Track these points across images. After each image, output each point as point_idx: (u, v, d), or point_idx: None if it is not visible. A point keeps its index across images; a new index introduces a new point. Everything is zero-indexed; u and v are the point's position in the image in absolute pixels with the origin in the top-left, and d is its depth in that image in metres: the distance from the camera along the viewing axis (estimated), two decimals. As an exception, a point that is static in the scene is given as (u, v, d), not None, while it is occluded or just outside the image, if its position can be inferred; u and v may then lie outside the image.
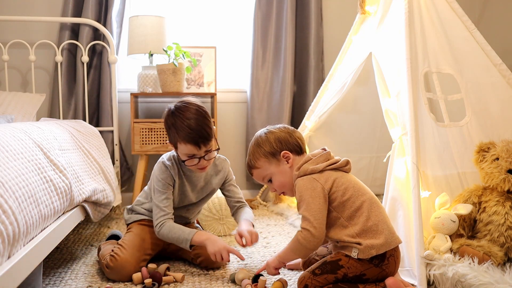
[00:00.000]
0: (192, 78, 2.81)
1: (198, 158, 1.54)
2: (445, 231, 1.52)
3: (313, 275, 1.31)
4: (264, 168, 1.46)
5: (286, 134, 1.47)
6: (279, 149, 1.44)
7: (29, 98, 2.41)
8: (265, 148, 1.45)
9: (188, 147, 1.51)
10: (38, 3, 2.69)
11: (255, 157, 1.47)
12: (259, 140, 1.48)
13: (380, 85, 1.90)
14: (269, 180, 1.48)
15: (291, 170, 1.43)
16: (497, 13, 3.14)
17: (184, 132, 1.50)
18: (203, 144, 1.52)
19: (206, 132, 1.52)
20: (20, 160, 1.17)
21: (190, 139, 1.50)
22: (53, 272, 1.59)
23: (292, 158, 1.43)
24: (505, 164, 1.60)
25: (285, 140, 1.45)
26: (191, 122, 1.50)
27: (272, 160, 1.44)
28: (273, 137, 1.46)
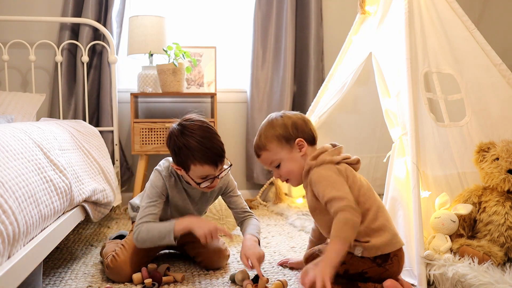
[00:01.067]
0: (192, 78, 2.81)
1: (212, 178, 1.46)
2: (445, 231, 1.52)
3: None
4: (275, 151, 1.39)
5: (302, 121, 1.41)
6: (295, 135, 1.38)
7: (29, 98, 2.41)
8: (280, 131, 1.38)
9: (205, 168, 1.41)
10: (38, 3, 2.69)
11: (268, 139, 1.39)
12: (274, 122, 1.40)
13: (380, 85, 1.90)
14: (276, 165, 1.41)
15: (302, 159, 1.38)
16: (497, 13, 3.14)
17: (200, 154, 1.39)
18: (220, 163, 1.44)
19: (221, 149, 1.45)
20: (20, 160, 1.17)
21: (208, 159, 1.40)
22: (53, 272, 1.59)
23: (305, 147, 1.38)
24: (505, 164, 1.60)
25: (301, 128, 1.40)
26: (206, 141, 1.41)
27: (285, 145, 1.38)
28: (290, 122, 1.39)
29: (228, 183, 1.65)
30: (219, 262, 1.61)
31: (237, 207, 1.66)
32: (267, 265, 1.65)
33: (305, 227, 2.16)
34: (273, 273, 1.57)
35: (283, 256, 1.75)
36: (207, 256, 1.59)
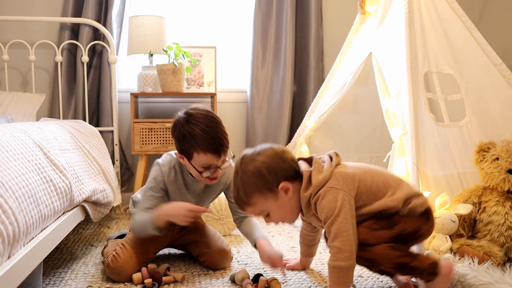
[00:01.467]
0: (192, 78, 2.81)
1: (214, 169, 1.45)
2: (445, 231, 1.52)
3: (370, 230, 1.21)
4: (260, 204, 1.27)
5: (278, 159, 1.26)
6: (275, 181, 1.24)
7: (29, 98, 2.41)
8: (258, 181, 1.24)
9: (208, 157, 1.41)
10: (38, 3, 2.69)
11: (247, 193, 1.26)
12: (247, 172, 1.25)
13: (380, 85, 1.90)
14: (266, 215, 1.31)
15: (291, 199, 1.27)
16: (497, 13, 3.14)
17: (205, 142, 1.39)
18: (223, 152, 1.43)
19: (225, 139, 1.44)
20: (20, 160, 1.17)
21: (211, 148, 1.40)
22: (53, 272, 1.59)
23: (291, 189, 1.25)
24: (505, 164, 1.60)
25: (279, 168, 1.25)
26: (210, 130, 1.41)
27: (269, 194, 1.25)
28: (265, 167, 1.24)
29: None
30: (222, 263, 1.61)
31: None
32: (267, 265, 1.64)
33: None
34: (273, 273, 1.57)
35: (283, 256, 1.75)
36: (211, 256, 1.59)
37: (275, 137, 2.87)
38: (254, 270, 1.59)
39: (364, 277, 1.52)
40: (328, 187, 1.23)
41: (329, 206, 1.21)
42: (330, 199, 1.21)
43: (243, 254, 1.80)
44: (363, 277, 1.52)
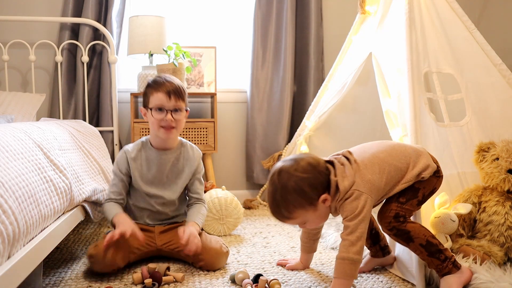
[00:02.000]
0: (192, 78, 2.81)
1: (166, 112, 1.58)
2: (445, 230, 1.52)
3: (400, 204, 1.35)
4: (301, 217, 1.32)
5: (315, 174, 1.29)
6: (316, 195, 1.28)
7: (29, 98, 2.41)
8: (300, 199, 1.27)
9: (159, 96, 1.58)
10: (38, 3, 2.69)
11: (289, 210, 1.29)
12: (290, 190, 1.27)
13: (381, 86, 1.90)
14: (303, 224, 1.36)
15: (327, 209, 1.34)
16: (497, 13, 3.14)
17: (158, 84, 1.60)
18: (174, 95, 1.58)
19: (179, 88, 1.61)
20: (20, 160, 1.17)
21: (162, 88, 1.58)
22: (53, 272, 1.59)
23: (329, 199, 1.30)
24: (505, 164, 1.60)
25: (318, 183, 1.29)
26: (167, 77, 1.62)
27: (309, 208, 1.29)
28: (306, 184, 1.27)
29: (199, 164, 1.75)
30: (219, 263, 1.61)
31: (193, 190, 1.74)
32: (267, 265, 1.65)
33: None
34: (273, 273, 1.57)
35: (283, 256, 1.75)
36: (205, 259, 1.58)
37: (275, 137, 2.87)
38: (254, 270, 1.59)
39: (364, 277, 1.52)
40: (354, 190, 1.30)
41: (352, 206, 1.29)
42: (353, 200, 1.30)
43: (243, 254, 1.80)
44: (363, 277, 1.52)
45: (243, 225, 2.28)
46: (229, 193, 2.15)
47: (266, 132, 2.88)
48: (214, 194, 2.10)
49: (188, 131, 2.58)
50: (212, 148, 2.61)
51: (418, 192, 1.38)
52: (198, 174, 1.74)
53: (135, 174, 1.67)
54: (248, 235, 2.10)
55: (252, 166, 2.90)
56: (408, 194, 1.37)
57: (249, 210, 2.66)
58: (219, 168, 2.95)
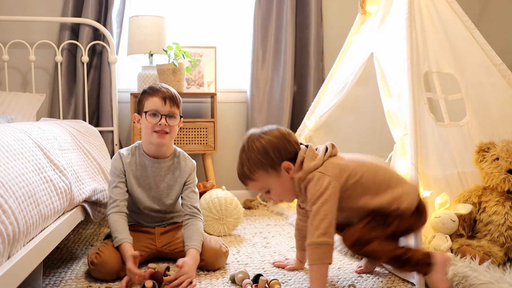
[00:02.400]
0: (192, 78, 2.81)
1: (160, 116, 1.57)
2: (445, 230, 1.53)
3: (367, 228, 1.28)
4: (262, 180, 1.35)
5: (283, 140, 1.33)
6: (279, 160, 1.32)
7: (29, 98, 2.41)
8: (262, 159, 1.32)
9: (154, 100, 1.58)
10: (38, 3, 2.69)
11: (251, 169, 1.33)
12: (254, 149, 1.33)
13: (382, 86, 1.90)
14: (266, 191, 1.39)
15: (291, 180, 1.35)
16: (497, 13, 3.14)
17: (153, 89, 1.61)
18: (169, 101, 1.58)
19: (174, 95, 1.62)
20: (20, 160, 1.17)
21: (157, 93, 1.59)
22: (53, 272, 1.58)
23: (292, 168, 1.33)
24: (505, 164, 1.60)
25: (284, 148, 1.33)
26: (162, 85, 1.64)
27: (271, 172, 1.33)
28: (271, 146, 1.32)
29: (191, 175, 1.70)
30: (217, 263, 1.60)
31: (188, 201, 1.67)
32: (267, 265, 1.65)
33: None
34: (273, 273, 1.57)
35: (283, 256, 1.75)
36: (206, 260, 1.57)
37: (275, 137, 2.87)
38: (254, 270, 1.59)
39: (364, 277, 1.52)
40: (316, 171, 1.30)
41: (314, 188, 1.28)
42: (316, 182, 1.29)
43: (243, 254, 1.80)
44: (363, 277, 1.52)
45: (243, 225, 2.28)
46: (229, 193, 2.15)
47: (266, 132, 2.87)
48: (214, 194, 2.10)
49: (188, 131, 2.58)
50: (212, 148, 2.61)
51: (392, 223, 1.29)
52: (191, 185, 1.70)
53: (130, 179, 1.65)
54: (248, 235, 2.10)
55: (252, 166, 2.89)
56: (379, 220, 1.30)
57: (249, 210, 2.66)
58: (219, 168, 2.95)
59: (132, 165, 1.65)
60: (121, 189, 1.63)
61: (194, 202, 1.68)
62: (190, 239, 1.58)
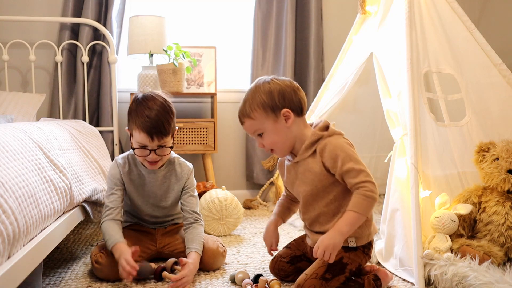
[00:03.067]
0: (192, 78, 2.81)
1: (149, 151, 1.52)
2: (445, 230, 1.53)
3: (324, 281, 1.26)
4: (259, 120, 1.32)
5: (291, 90, 1.32)
6: (281, 105, 1.30)
7: (29, 98, 2.41)
8: (265, 99, 1.30)
9: (141, 136, 1.49)
10: (38, 3, 2.69)
11: (252, 106, 1.31)
12: (261, 88, 1.32)
13: (381, 85, 1.90)
14: (259, 134, 1.35)
15: (288, 130, 1.32)
16: (497, 13, 3.14)
17: (140, 120, 1.48)
18: (156, 136, 1.49)
19: (163, 126, 1.49)
20: (20, 160, 1.17)
21: (144, 128, 1.47)
22: (53, 272, 1.58)
23: (292, 118, 1.31)
24: (505, 164, 1.60)
25: (289, 97, 1.31)
26: (151, 113, 1.48)
27: (271, 114, 1.31)
28: (277, 89, 1.31)
29: (188, 179, 1.67)
30: (216, 263, 1.60)
31: (188, 206, 1.64)
32: (267, 265, 1.64)
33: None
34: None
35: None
36: (204, 261, 1.57)
37: (275, 137, 2.87)
38: (254, 270, 1.59)
39: (364, 277, 1.51)
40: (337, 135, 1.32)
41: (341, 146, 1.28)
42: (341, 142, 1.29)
43: (243, 254, 1.80)
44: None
45: (243, 225, 2.28)
46: (229, 193, 2.15)
47: (266, 132, 2.87)
48: (214, 194, 2.10)
49: (188, 131, 2.58)
50: (212, 148, 2.61)
51: (346, 268, 1.30)
52: (189, 189, 1.67)
53: (129, 188, 1.63)
54: (248, 235, 2.10)
55: (252, 166, 2.89)
56: (334, 270, 1.28)
57: (249, 210, 2.66)
58: (219, 168, 2.95)
59: (129, 174, 1.63)
60: (117, 196, 1.59)
61: (194, 207, 1.65)
62: (192, 242, 1.57)
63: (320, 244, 1.22)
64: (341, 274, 1.28)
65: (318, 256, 1.23)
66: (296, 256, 1.48)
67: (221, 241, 1.66)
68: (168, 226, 1.72)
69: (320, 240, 1.23)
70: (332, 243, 1.21)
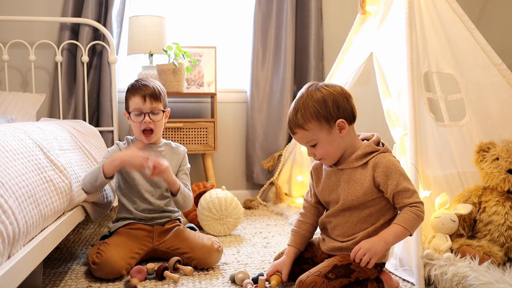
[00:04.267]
0: (192, 78, 2.81)
1: (143, 114, 1.63)
2: (445, 230, 1.53)
3: (327, 280, 1.23)
4: (313, 131, 1.28)
5: (343, 98, 1.29)
6: (336, 115, 1.27)
7: (29, 98, 2.41)
8: (319, 108, 1.26)
9: (135, 100, 1.63)
10: (38, 3, 2.69)
11: (305, 117, 1.27)
12: (313, 96, 1.29)
13: (381, 85, 1.90)
14: (312, 145, 1.31)
15: (341, 140, 1.29)
16: (497, 13, 3.14)
17: (134, 87, 1.65)
18: (149, 98, 1.63)
19: (154, 90, 1.65)
20: (20, 160, 1.17)
21: (137, 91, 1.63)
22: (53, 272, 1.59)
23: (346, 129, 1.28)
24: (505, 164, 1.60)
25: (342, 106, 1.28)
26: (143, 81, 1.67)
27: (324, 125, 1.27)
28: (331, 99, 1.27)
29: (184, 158, 1.78)
30: (212, 260, 1.60)
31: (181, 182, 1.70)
32: (267, 265, 1.65)
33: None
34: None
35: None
36: (196, 257, 1.58)
37: (275, 137, 2.87)
38: (254, 270, 1.59)
39: (364, 277, 1.51)
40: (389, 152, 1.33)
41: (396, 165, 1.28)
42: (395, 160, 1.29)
43: (243, 254, 1.80)
44: (363, 277, 1.52)
45: (243, 225, 2.28)
46: (229, 193, 2.15)
47: (266, 132, 2.88)
48: (214, 194, 2.10)
49: (188, 131, 2.58)
50: (212, 148, 2.61)
51: (352, 273, 1.26)
52: (184, 167, 1.77)
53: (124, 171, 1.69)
54: (248, 235, 2.10)
55: (252, 166, 2.90)
56: (339, 272, 1.25)
57: (249, 210, 2.66)
58: (219, 168, 2.95)
59: None
60: None
61: (187, 183, 1.75)
62: None
63: (363, 246, 1.23)
64: (345, 277, 1.26)
65: (357, 258, 1.23)
66: (303, 258, 1.45)
67: (216, 239, 1.66)
68: (166, 224, 1.72)
69: (362, 243, 1.24)
70: (374, 248, 1.21)
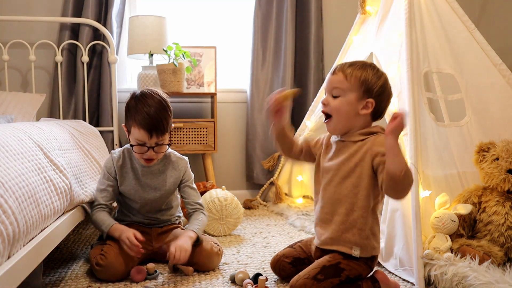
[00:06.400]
0: (192, 78, 2.81)
1: (147, 148, 1.54)
2: (445, 230, 1.53)
3: (316, 281, 1.25)
4: (347, 85, 1.30)
5: (389, 94, 1.34)
6: (373, 95, 1.30)
7: (29, 98, 2.41)
8: (370, 78, 1.30)
9: (140, 133, 1.51)
10: (38, 3, 2.69)
11: (355, 72, 1.30)
12: (374, 69, 1.32)
13: (381, 85, 1.89)
14: (334, 96, 1.32)
15: (356, 116, 1.31)
16: (497, 13, 3.14)
17: (140, 117, 1.50)
18: (155, 134, 1.51)
19: (162, 124, 1.52)
20: (20, 160, 1.17)
21: (144, 125, 1.50)
22: (53, 272, 1.59)
23: (367, 111, 1.30)
24: (505, 164, 1.60)
25: (384, 97, 1.32)
26: (150, 110, 1.50)
27: (360, 91, 1.29)
28: (382, 82, 1.31)
29: (185, 172, 1.70)
30: (212, 264, 1.60)
31: (189, 198, 1.70)
32: (267, 265, 1.65)
33: (305, 227, 2.17)
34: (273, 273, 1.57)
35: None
36: (199, 263, 1.58)
37: (275, 137, 2.87)
38: (254, 270, 1.59)
39: (364, 277, 1.52)
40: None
41: None
42: None
43: (243, 254, 1.80)
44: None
45: (243, 225, 2.28)
46: (229, 193, 2.15)
47: (266, 132, 2.88)
48: (214, 194, 2.10)
49: (188, 131, 2.58)
50: (212, 148, 2.61)
51: (341, 272, 1.28)
52: (187, 182, 1.70)
53: (122, 180, 1.65)
54: (248, 235, 2.10)
55: (252, 166, 2.90)
56: (328, 272, 1.27)
57: (249, 210, 2.66)
58: (219, 168, 2.95)
59: (123, 168, 1.65)
60: (108, 193, 1.63)
61: (196, 199, 1.70)
62: (191, 224, 1.62)
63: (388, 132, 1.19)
64: (335, 277, 1.28)
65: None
66: (300, 259, 1.46)
67: (216, 241, 1.65)
68: (164, 225, 1.72)
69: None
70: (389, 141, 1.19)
